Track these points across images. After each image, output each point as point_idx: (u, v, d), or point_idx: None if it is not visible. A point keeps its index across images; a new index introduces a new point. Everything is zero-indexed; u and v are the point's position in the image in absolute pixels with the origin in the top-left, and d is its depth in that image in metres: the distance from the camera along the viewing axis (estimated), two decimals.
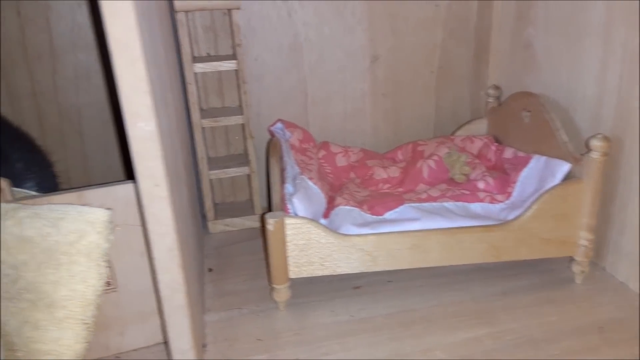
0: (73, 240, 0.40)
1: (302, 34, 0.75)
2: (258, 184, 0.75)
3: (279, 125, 0.74)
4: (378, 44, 0.78)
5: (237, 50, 0.68)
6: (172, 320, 0.43)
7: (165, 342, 0.52)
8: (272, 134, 0.75)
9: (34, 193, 0.49)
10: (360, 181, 0.72)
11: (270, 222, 0.53)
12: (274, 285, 0.56)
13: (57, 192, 0.45)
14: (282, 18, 0.74)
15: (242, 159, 0.76)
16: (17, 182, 0.53)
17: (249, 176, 0.77)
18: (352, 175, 0.74)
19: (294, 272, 0.56)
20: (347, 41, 0.77)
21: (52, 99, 0.71)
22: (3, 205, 0.42)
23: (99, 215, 0.41)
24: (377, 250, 0.55)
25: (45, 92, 0.70)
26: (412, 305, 0.56)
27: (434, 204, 0.61)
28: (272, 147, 0.65)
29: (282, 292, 0.56)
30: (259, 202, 0.76)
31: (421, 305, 0.56)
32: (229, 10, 0.69)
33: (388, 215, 0.60)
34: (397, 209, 0.60)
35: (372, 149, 0.80)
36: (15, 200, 0.45)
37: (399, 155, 0.77)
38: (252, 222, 0.76)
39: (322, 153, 0.75)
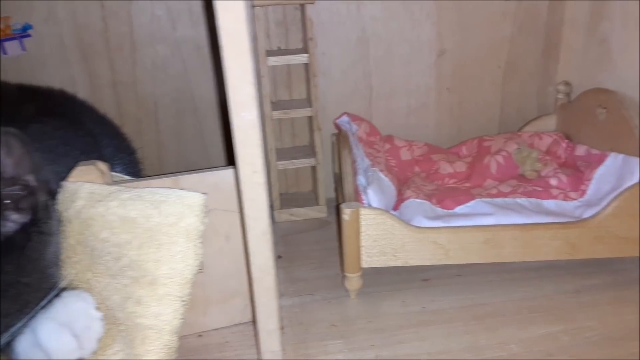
0: (173, 222, 0.42)
1: (370, 28, 0.76)
2: (324, 176, 0.76)
3: (344, 118, 0.75)
4: (445, 38, 0.78)
5: (309, 44, 0.70)
6: (261, 301, 0.45)
7: (245, 324, 0.54)
8: (337, 127, 0.76)
9: (127, 177, 0.52)
10: (425, 175, 0.73)
11: (347, 212, 0.54)
12: (347, 274, 0.57)
13: (154, 177, 0.48)
14: (351, 13, 0.75)
15: (307, 151, 0.78)
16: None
17: (313, 167, 0.78)
18: (416, 169, 0.74)
19: (366, 262, 0.57)
20: (414, 35, 0.77)
21: (131, 89, 0.74)
22: (107, 187, 0.44)
23: (197, 199, 0.43)
24: (450, 243, 0.56)
25: (125, 82, 0.73)
26: (483, 300, 0.57)
27: (506, 199, 0.61)
28: (342, 140, 0.66)
29: (354, 281, 0.57)
30: (324, 193, 0.78)
31: (493, 300, 0.57)
32: (302, 5, 0.70)
33: (459, 209, 0.60)
34: (468, 204, 0.61)
35: (434, 144, 0.80)
36: (115, 182, 0.47)
37: (464, 151, 0.77)
38: (316, 212, 0.77)
39: (386, 147, 0.75)
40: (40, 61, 0.71)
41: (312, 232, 0.74)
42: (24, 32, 0.71)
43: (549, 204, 0.62)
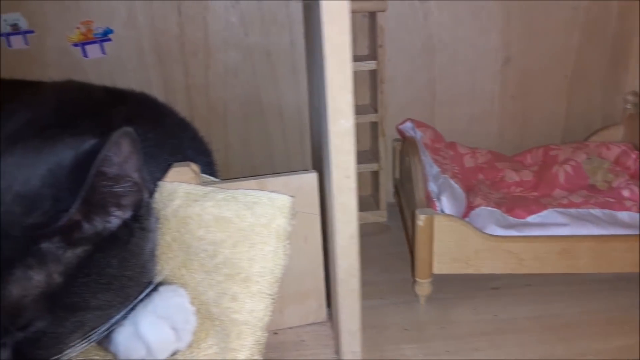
0: (265, 222, 0.44)
1: (436, 35, 0.77)
2: (386, 180, 0.77)
3: (408, 124, 0.75)
4: (512, 45, 0.78)
5: (378, 51, 0.71)
6: (345, 302, 0.46)
7: (318, 324, 0.55)
8: (401, 133, 0.77)
9: (212, 178, 0.54)
10: (490, 183, 0.73)
11: (421, 218, 0.55)
12: (418, 279, 0.58)
13: (241, 179, 0.50)
14: (417, 20, 0.76)
15: (369, 156, 0.79)
16: None
17: (374, 172, 0.79)
18: (480, 177, 0.74)
19: (438, 268, 0.57)
20: (480, 42, 0.77)
21: (203, 93, 0.77)
22: (202, 187, 0.46)
23: (286, 201, 0.44)
24: (524, 252, 0.56)
25: (198, 86, 0.76)
26: (556, 310, 0.56)
27: (580, 210, 0.61)
28: (410, 146, 0.67)
29: (424, 287, 0.58)
30: (384, 198, 0.78)
31: (566, 311, 0.56)
32: (371, 13, 0.71)
33: (531, 218, 0.60)
34: (540, 213, 0.60)
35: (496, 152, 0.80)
36: (205, 183, 0.50)
37: (528, 159, 0.77)
38: (377, 217, 0.78)
39: (449, 153, 0.76)
40: (119, 64, 0.75)
41: (373, 237, 0.75)
42: (104, 36, 0.74)
43: (623, 215, 0.61)
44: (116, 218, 0.42)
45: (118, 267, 0.42)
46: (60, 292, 0.39)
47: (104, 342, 0.44)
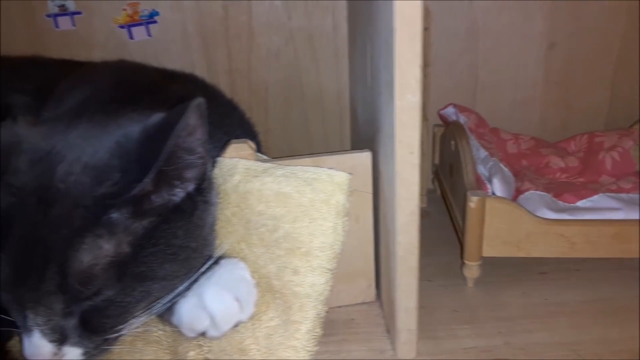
0: (324, 198, 0.44)
1: (481, 19, 0.76)
2: (426, 165, 0.77)
3: (450, 109, 0.75)
4: (557, 31, 0.77)
5: (424, 33, 0.70)
6: (403, 280, 0.46)
7: (367, 303, 0.56)
8: (442, 118, 0.76)
9: (267, 157, 0.54)
10: (534, 169, 0.72)
11: (473, 200, 0.55)
12: (467, 262, 0.58)
13: (296, 157, 0.50)
14: (462, 4, 0.75)
15: None
16: None
17: None
18: (524, 162, 0.74)
19: (488, 251, 0.57)
20: (525, 27, 0.76)
21: (245, 76, 0.77)
22: (261, 163, 0.47)
23: (344, 178, 0.45)
24: (576, 236, 0.55)
25: (241, 70, 0.77)
26: (608, 295, 0.56)
27: (632, 195, 0.60)
28: (457, 129, 0.67)
29: (473, 269, 0.58)
30: (424, 184, 0.78)
31: (618, 295, 0.56)
32: None
33: (581, 203, 0.60)
34: (591, 198, 0.60)
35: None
36: (262, 161, 0.50)
37: (572, 146, 0.76)
38: None
39: (493, 139, 0.75)
40: (163, 47, 0.76)
41: None
42: (150, 18, 0.75)
43: None
44: (181, 190, 0.43)
45: (183, 238, 0.42)
46: (128, 262, 0.40)
47: (165, 315, 0.45)
